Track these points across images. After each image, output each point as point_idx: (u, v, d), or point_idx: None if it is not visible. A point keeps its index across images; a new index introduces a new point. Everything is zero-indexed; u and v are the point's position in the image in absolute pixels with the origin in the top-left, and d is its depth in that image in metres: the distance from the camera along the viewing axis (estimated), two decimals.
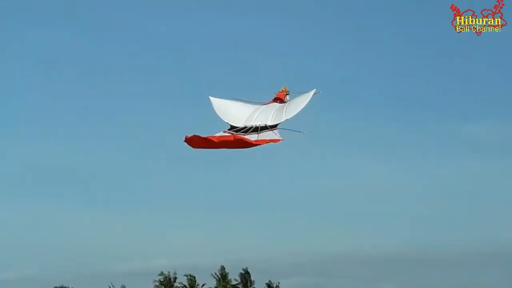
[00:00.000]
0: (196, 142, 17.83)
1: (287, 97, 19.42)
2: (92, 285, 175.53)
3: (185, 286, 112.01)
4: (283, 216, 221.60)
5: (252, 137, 18.07)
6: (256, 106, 19.16)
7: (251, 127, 18.16)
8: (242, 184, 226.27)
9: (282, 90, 19.50)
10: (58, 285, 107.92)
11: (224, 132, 18.31)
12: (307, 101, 18.44)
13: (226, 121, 18.81)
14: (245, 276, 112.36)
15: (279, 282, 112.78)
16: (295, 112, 18.30)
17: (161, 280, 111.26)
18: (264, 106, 19.17)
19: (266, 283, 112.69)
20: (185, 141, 17.75)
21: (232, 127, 18.54)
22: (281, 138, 18.27)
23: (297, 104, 18.56)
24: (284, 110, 18.47)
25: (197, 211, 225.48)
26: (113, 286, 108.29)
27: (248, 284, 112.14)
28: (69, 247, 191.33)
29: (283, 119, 18.44)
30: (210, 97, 19.09)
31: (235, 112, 18.68)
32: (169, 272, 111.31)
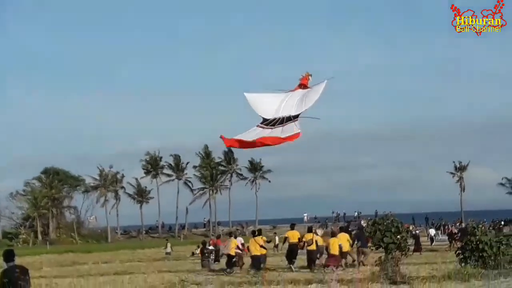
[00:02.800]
0: (233, 143, 17.48)
1: (310, 79, 19.04)
2: (81, 166, 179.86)
3: (170, 164, 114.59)
4: None
5: (276, 131, 17.80)
6: (285, 95, 18.90)
7: (279, 119, 17.99)
8: (224, 69, 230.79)
9: (305, 75, 19.15)
10: (48, 166, 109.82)
11: (257, 126, 18.00)
12: (322, 89, 18.17)
13: (259, 114, 18.24)
14: (228, 154, 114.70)
15: (260, 159, 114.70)
16: (313, 102, 18.07)
17: (148, 159, 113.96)
18: (291, 93, 18.93)
19: (249, 160, 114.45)
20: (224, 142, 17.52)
21: (264, 120, 18.11)
22: (300, 132, 17.64)
23: (315, 92, 18.30)
24: (304, 99, 18.30)
25: (182, 94, 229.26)
26: (101, 166, 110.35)
27: (231, 162, 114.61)
28: (59, 130, 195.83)
29: (303, 109, 18.05)
30: (245, 93, 18.75)
31: (266, 104, 18.51)
32: (155, 151, 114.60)
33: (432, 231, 64.81)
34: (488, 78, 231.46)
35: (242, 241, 34.63)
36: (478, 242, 23.78)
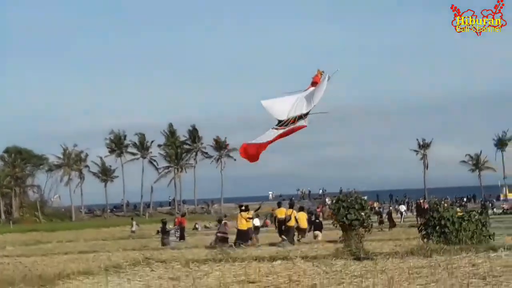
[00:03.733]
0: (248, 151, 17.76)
1: (322, 77, 19.06)
2: (44, 144, 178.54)
3: (135, 143, 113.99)
4: (228, 74, 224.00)
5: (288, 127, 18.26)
6: (298, 95, 19.05)
7: (291, 118, 18.19)
8: (188, 45, 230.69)
9: (317, 73, 19.31)
10: (10, 145, 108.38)
11: (272, 128, 18.18)
12: (326, 82, 18.37)
13: (275, 117, 18.40)
14: (193, 132, 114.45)
15: (225, 137, 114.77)
16: (319, 98, 18.33)
17: (112, 138, 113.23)
18: (303, 92, 19.09)
19: (214, 139, 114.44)
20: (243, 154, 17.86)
21: (279, 122, 18.25)
22: (305, 124, 18.27)
23: (320, 89, 18.53)
24: (312, 97, 18.58)
25: (145, 71, 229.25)
26: (65, 145, 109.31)
27: (196, 140, 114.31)
28: (22, 108, 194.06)
29: (311, 106, 18.39)
30: (262, 101, 18.84)
31: (281, 106, 18.60)
32: (119, 130, 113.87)
33: (402, 207, 65.69)
34: (452, 56, 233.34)
35: (226, 223, 35.17)
36: (440, 219, 24.13)
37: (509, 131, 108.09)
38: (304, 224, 32.16)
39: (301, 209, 34.41)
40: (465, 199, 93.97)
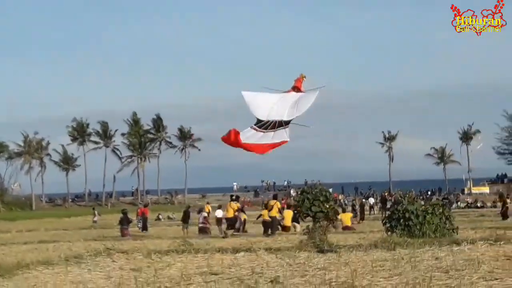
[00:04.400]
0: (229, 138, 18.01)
1: (304, 82, 19.40)
2: (4, 132, 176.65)
3: (98, 131, 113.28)
4: (194, 63, 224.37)
5: (267, 136, 18.36)
6: (279, 96, 19.22)
7: (271, 122, 18.37)
8: (151, 31, 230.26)
9: (300, 77, 19.46)
10: None
11: (251, 127, 18.47)
12: (315, 98, 18.60)
13: (254, 114, 18.59)
14: (157, 122, 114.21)
15: (190, 127, 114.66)
16: (304, 109, 18.48)
17: (74, 126, 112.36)
18: (285, 95, 19.22)
19: (178, 128, 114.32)
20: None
21: (258, 121, 18.52)
22: (287, 140, 18.47)
23: (308, 100, 18.70)
24: (296, 105, 18.64)
25: (109, 58, 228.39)
26: (26, 132, 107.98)
27: (160, 129, 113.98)
28: None
29: (294, 116, 18.53)
30: (242, 92, 18.93)
31: (261, 105, 18.74)
32: (82, 118, 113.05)
33: (371, 200, 66.22)
34: (418, 51, 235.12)
35: (205, 215, 36.24)
36: (404, 212, 24.33)
37: (474, 125, 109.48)
38: (288, 222, 31.82)
39: (288, 207, 34.42)
40: (429, 193, 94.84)
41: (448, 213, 25.00)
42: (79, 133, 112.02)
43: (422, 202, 27.54)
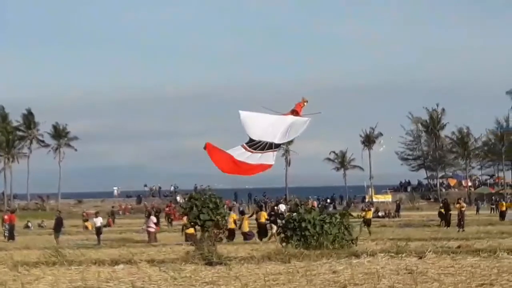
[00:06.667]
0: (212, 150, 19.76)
1: (305, 106, 20.79)
2: None
3: None
4: (75, 50, 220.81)
5: (254, 157, 19.94)
6: (276, 117, 20.62)
7: (261, 144, 19.87)
8: (27, 15, 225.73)
9: (302, 101, 20.69)
10: None
11: (241, 145, 19.98)
12: (306, 125, 20.28)
13: (248, 134, 20.09)
14: (28, 117, 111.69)
15: (66, 124, 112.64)
16: (296, 135, 21.21)
17: None
18: (282, 117, 20.62)
19: (53, 125, 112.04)
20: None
21: (250, 140, 19.96)
22: (272, 163, 20.52)
23: (299, 127, 20.28)
24: (289, 131, 20.25)
25: None
26: None
27: (32, 126, 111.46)
28: None
29: (285, 140, 20.95)
30: (240, 111, 20.39)
31: (256, 125, 20.09)
32: None
33: (282, 207, 66.47)
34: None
35: (155, 220, 36.52)
36: (300, 221, 24.61)
37: (377, 128, 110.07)
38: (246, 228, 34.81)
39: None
40: (328, 200, 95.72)
41: (348, 223, 25.45)
42: None
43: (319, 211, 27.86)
